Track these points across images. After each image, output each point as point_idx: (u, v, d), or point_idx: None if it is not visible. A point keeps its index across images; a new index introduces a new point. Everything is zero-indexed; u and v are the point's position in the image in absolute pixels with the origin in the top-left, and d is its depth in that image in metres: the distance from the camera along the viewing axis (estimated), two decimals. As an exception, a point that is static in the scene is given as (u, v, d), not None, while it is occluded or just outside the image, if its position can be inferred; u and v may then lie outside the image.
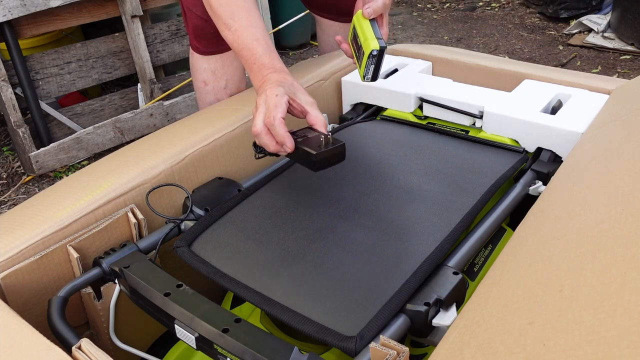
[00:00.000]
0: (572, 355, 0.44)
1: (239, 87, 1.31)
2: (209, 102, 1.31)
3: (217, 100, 1.30)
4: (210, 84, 1.29)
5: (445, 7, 3.42)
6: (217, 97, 1.30)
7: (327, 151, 0.76)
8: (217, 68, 1.27)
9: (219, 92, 1.30)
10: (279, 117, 0.77)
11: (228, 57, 1.26)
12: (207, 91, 1.30)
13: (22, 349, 0.58)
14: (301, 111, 0.83)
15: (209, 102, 1.31)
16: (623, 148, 0.75)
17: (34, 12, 1.83)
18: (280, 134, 0.77)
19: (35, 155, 1.90)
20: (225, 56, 1.26)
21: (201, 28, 1.22)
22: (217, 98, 1.30)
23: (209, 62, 1.27)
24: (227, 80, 1.29)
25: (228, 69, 1.28)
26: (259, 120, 0.79)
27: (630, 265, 0.50)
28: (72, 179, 0.92)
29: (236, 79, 1.30)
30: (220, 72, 1.27)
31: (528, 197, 0.89)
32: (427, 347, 0.76)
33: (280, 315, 0.66)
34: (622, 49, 2.56)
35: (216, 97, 1.30)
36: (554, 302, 0.51)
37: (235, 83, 1.30)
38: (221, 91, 1.29)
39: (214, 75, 1.28)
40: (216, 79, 1.28)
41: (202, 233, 0.81)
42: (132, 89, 2.23)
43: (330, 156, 0.76)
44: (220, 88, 1.29)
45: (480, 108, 1.02)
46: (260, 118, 0.79)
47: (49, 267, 0.77)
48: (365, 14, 0.93)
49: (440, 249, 0.74)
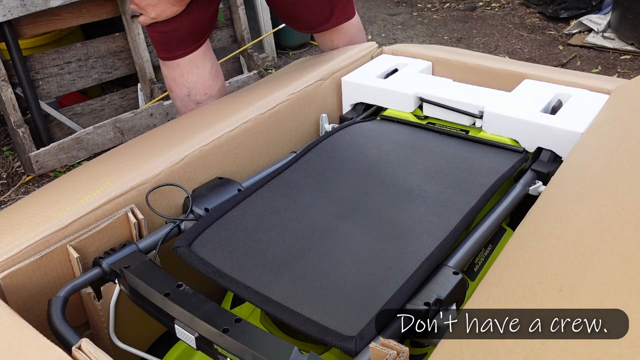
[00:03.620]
0: (572, 355, 0.44)
1: (207, 93, 1.28)
2: (178, 107, 1.30)
3: (185, 106, 1.29)
4: (174, 91, 1.28)
5: (445, 7, 3.42)
6: (183, 104, 1.29)
7: None
8: (176, 76, 1.26)
9: (184, 100, 1.28)
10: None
11: (186, 65, 1.25)
12: (174, 97, 1.30)
13: (22, 349, 0.58)
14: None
15: (178, 107, 1.30)
16: (623, 148, 0.75)
17: (34, 12, 1.83)
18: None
19: (35, 155, 1.90)
20: (183, 64, 1.24)
21: (151, 36, 1.23)
22: (184, 105, 1.29)
23: (169, 69, 1.26)
24: (189, 88, 1.27)
25: (188, 77, 1.26)
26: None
27: (630, 265, 0.50)
28: (71, 177, 0.91)
29: (199, 87, 1.27)
30: (180, 80, 1.26)
31: (528, 197, 0.89)
32: (427, 347, 0.76)
33: (280, 315, 0.66)
34: (622, 49, 2.56)
35: (182, 104, 1.29)
36: (554, 302, 0.51)
37: (199, 90, 1.27)
38: (185, 99, 1.28)
39: (175, 83, 1.27)
40: (178, 86, 1.27)
41: (202, 233, 0.81)
42: (132, 89, 2.23)
43: None
44: (183, 95, 1.28)
45: (480, 108, 1.02)
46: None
47: (49, 267, 0.77)
48: None
49: (440, 249, 0.74)
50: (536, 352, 0.46)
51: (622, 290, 0.48)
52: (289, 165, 0.96)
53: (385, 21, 3.27)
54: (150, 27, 1.22)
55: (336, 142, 1.02)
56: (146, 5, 1.16)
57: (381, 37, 3.04)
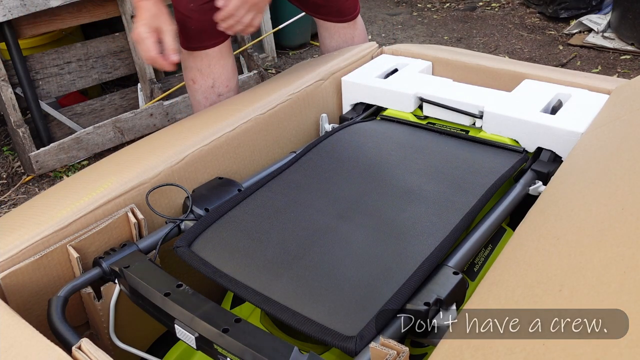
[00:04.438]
0: (572, 355, 0.44)
1: (228, 85, 1.31)
2: (198, 100, 1.32)
3: (206, 98, 1.31)
4: (198, 83, 1.30)
5: (445, 7, 3.42)
6: (205, 95, 1.31)
7: None
8: (203, 67, 1.28)
9: (207, 91, 1.30)
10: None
11: (214, 56, 1.27)
12: (196, 89, 1.31)
13: (22, 349, 0.58)
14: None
15: (198, 100, 1.32)
16: (623, 148, 0.75)
17: (34, 12, 1.83)
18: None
19: (35, 155, 1.90)
20: (212, 55, 1.26)
21: (182, 23, 1.23)
22: (206, 97, 1.31)
23: (196, 60, 1.27)
24: (214, 79, 1.29)
25: (215, 68, 1.28)
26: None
27: (630, 265, 0.50)
28: (72, 179, 0.92)
29: (224, 78, 1.30)
30: (207, 71, 1.28)
31: (528, 197, 0.89)
32: (427, 347, 0.76)
33: (280, 315, 0.66)
34: (622, 49, 2.56)
35: (204, 95, 1.31)
36: (554, 302, 0.51)
37: (223, 82, 1.30)
38: (209, 90, 1.30)
39: (201, 74, 1.29)
40: (203, 77, 1.29)
41: (202, 233, 0.81)
42: (132, 88, 2.23)
43: None
44: (207, 87, 1.30)
45: (480, 108, 1.02)
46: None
47: (49, 267, 0.77)
48: None
49: (440, 249, 0.74)
50: (536, 352, 0.46)
51: (622, 290, 0.48)
52: (289, 166, 0.96)
53: (385, 21, 3.27)
54: (188, 18, 1.22)
55: (336, 142, 1.02)
56: None
57: (381, 37, 3.04)
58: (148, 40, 1.05)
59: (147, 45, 1.05)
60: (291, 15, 2.55)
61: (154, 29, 1.06)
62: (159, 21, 1.07)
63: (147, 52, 1.06)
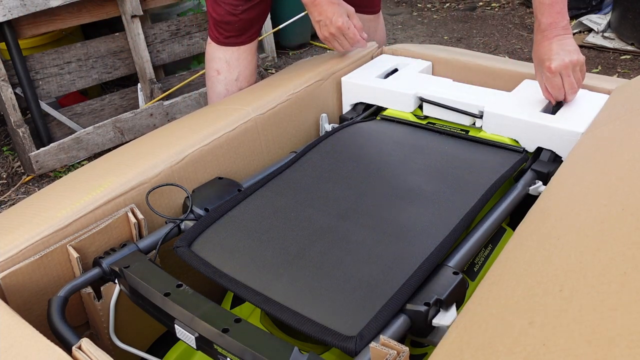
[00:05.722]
0: (572, 355, 0.44)
1: (250, 81, 1.35)
2: (218, 92, 1.34)
3: (227, 90, 1.34)
4: (222, 74, 1.33)
5: (445, 7, 3.42)
6: (227, 87, 1.33)
7: None
8: (231, 59, 1.31)
9: (230, 84, 1.33)
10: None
11: (244, 51, 1.31)
12: (219, 80, 1.33)
13: (22, 349, 0.58)
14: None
15: (219, 91, 1.34)
16: (623, 148, 0.75)
17: (34, 12, 1.83)
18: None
19: (35, 155, 1.90)
20: (242, 49, 1.31)
21: (221, 18, 1.26)
22: (227, 89, 1.33)
23: (225, 52, 1.31)
24: (239, 73, 1.33)
25: (242, 62, 1.32)
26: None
27: (630, 265, 0.50)
28: (72, 177, 0.91)
29: (248, 73, 1.34)
30: (235, 63, 1.32)
31: (528, 197, 0.89)
32: (427, 347, 0.76)
33: (280, 315, 0.66)
34: (622, 49, 2.56)
35: (226, 87, 1.33)
36: (554, 302, 0.51)
37: (246, 77, 1.34)
38: (232, 83, 1.33)
39: (227, 65, 1.32)
40: (229, 69, 1.32)
41: (202, 233, 0.81)
42: (132, 88, 2.23)
43: None
44: (231, 79, 1.33)
45: (480, 108, 1.02)
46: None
47: (49, 267, 0.77)
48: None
49: (440, 249, 0.74)
50: (536, 352, 0.46)
51: (622, 290, 0.48)
52: (289, 165, 0.96)
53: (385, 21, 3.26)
54: (233, 16, 1.26)
55: (336, 142, 1.02)
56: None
57: (381, 37, 3.04)
58: (353, 28, 1.17)
59: (353, 31, 1.17)
60: (291, 15, 2.55)
61: (346, 16, 1.17)
62: (344, 8, 1.18)
63: (355, 36, 1.18)
